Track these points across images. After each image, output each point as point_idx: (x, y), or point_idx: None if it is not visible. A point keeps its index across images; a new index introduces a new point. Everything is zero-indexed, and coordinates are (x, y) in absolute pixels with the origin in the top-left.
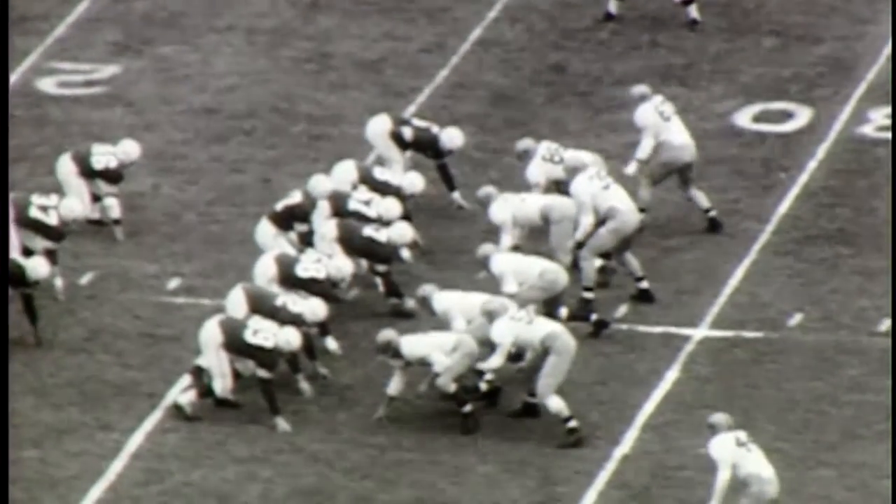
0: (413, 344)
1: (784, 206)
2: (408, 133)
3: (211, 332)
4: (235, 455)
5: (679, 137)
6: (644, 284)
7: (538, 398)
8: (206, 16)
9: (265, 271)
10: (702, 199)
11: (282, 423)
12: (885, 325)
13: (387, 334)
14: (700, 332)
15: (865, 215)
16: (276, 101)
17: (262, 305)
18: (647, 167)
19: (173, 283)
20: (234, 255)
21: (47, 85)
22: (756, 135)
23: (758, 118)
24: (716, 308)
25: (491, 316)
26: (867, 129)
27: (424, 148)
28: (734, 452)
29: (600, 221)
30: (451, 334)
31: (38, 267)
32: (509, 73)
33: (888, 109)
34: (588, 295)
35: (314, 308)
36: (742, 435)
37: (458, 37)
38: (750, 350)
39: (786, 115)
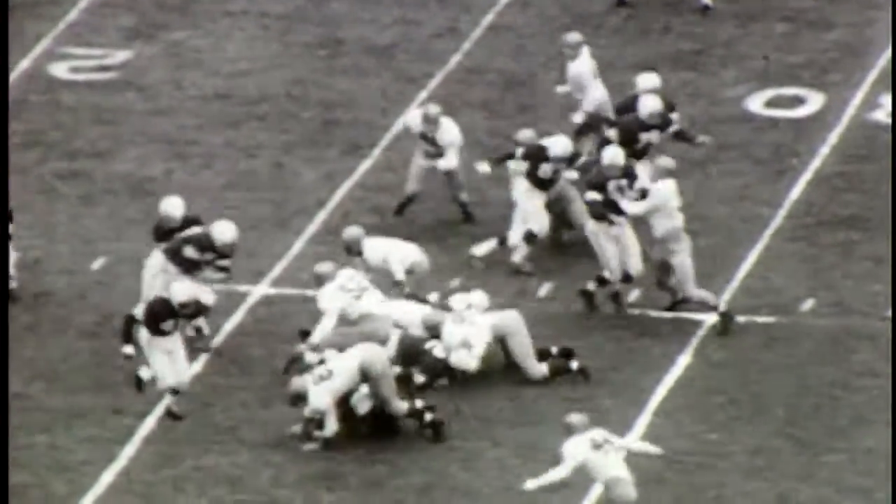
0: (317, 394)
1: (796, 192)
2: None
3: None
4: (247, 440)
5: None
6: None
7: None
8: (218, 1)
9: None
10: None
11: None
12: None
13: (295, 383)
14: (712, 318)
15: (877, 200)
16: (288, 87)
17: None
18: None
19: None
20: (246, 239)
21: (59, 70)
22: (768, 120)
23: (770, 104)
24: (728, 293)
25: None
26: (879, 115)
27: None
28: (588, 455)
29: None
30: (352, 360)
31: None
32: (521, 58)
33: None
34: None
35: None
36: (599, 436)
37: (470, 22)
38: (762, 335)
39: (798, 101)
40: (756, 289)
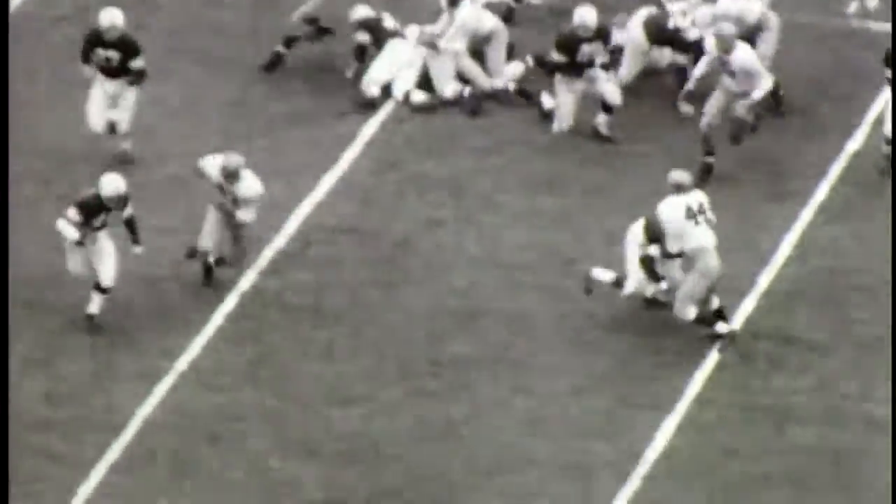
0: None
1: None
2: None
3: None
4: (469, 145)
5: None
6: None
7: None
8: None
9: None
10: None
11: None
12: None
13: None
14: None
15: None
16: None
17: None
18: None
19: None
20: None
21: None
22: None
23: None
24: None
25: None
26: None
27: None
28: (682, 223)
29: None
30: None
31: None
32: None
33: None
34: None
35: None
36: (696, 202)
37: None
38: None
39: None
40: None
